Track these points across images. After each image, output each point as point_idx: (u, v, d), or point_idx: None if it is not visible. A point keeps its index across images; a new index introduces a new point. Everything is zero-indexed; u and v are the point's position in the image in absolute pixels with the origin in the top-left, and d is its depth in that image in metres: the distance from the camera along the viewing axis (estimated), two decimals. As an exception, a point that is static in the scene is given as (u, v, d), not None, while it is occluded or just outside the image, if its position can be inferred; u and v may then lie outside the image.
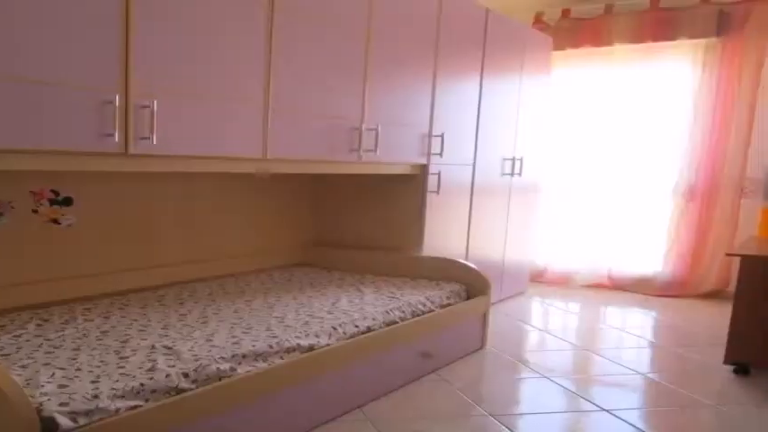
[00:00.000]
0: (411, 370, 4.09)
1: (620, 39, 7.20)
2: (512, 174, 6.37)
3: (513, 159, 6.36)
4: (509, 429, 3.48)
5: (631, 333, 5.60)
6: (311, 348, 3.30)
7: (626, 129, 7.34)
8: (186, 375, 2.68)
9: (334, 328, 3.53)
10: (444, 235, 5.47)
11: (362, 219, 5.44)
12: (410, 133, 4.90)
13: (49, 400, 2.26)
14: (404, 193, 5.21)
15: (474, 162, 5.74)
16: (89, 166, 2.98)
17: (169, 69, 3.16)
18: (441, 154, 5.19)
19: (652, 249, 7.38)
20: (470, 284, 4.83)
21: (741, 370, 4.52)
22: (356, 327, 3.67)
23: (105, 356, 2.78)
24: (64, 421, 2.19)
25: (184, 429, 2.62)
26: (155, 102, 3.08)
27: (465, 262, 4.92)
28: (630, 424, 3.62)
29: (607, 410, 3.80)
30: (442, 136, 5.16)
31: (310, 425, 3.33)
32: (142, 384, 2.51)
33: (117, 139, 2.95)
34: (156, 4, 3.06)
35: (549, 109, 7.16)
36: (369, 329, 3.74)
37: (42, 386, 2.38)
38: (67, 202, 3.69)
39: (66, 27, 2.74)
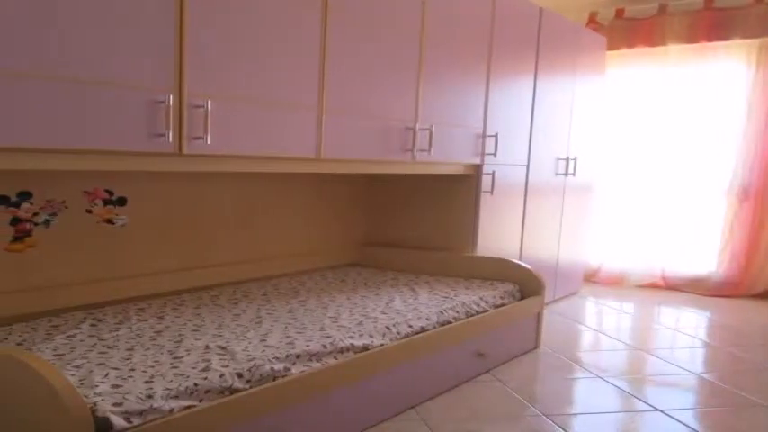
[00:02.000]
0: (465, 370, 4.01)
1: (674, 39, 7.02)
2: (566, 174, 6.26)
3: (567, 159, 6.25)
4: (563, 429, 3.40)
5: (685, 333, 5.46)
6: (365, 348, 3.23)
7: (680, 129, 7.17)
8: (240, 375, 2.62)
9: (388, 328, 3.46)
10: (498, 235, 5.37)
11: (416, 219, 5.36)
12: (464, 133, 4.81)
13: (102, 399, 2.21)
14: (457, 193, 5.12)
15: (528, 162, 5.63)
16: (143, 166, 2.94)
17: (223, 69, 3.11)
18: (494, 154, 5.09)
19: (706, 249, 7.21)
20: (524, 284, 4.73)
21: (796, 371, 4.38)
22: (410, 327, 3.59)
23: (159, 356, 2.74)
24: (118, 421, 2.14)
25: (238, 429, 2.56)
26: (208, 102, 3.03)
27: (519, 262, 4.81)
28: (684, 424, 3.52)
29: (661, 410, 3.70)
30: (495, 136, 5.07)
31: (364, 424, 3.27)
32: (196, 384, 2.46)
33: (170, 140, 2.91)
34: (210, 6, 3.02)
35: (603, 109, 7.01)
36: (423, 329, 3.66)
37: (96, 386, 2.34)
38: (121, 202, 3.66)
39: (120, 28, 2.70)
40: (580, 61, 6.22)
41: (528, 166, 5.66)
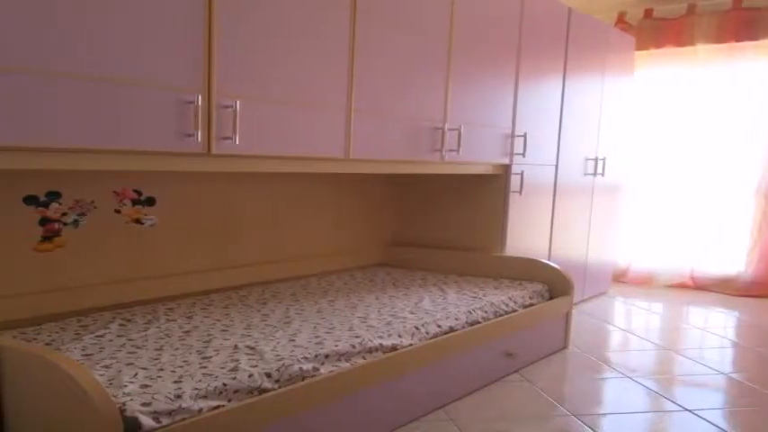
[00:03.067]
0: (493, 370, 3.96)
1: (703, 39, 6.93)
2: (594, 174, 6.20)
3: (596, 159, 6.19)
4: (591, 429, 3.35)
5: (714, 333, 5.38)
6: (394, 348, 3.19)
7: (708, 129, 7.07)
8: (269, 375, 2.59)
9: (417, 328, 3.42)
10: (527, 235, 5.32)
11: (445, 219, 5.31)
12: (492, 133, 4.76)
13: (131, 399, 2.18)
14: (486, 193, 5.07)
15: (557, 162, 5.58)
16: (172, 166, 2.91)
17: (252, 69, 3.08)
18: (523, 154, 5.04)
19: (734, 249, 7.11)
20: (553, 284, 4.67)
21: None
22: (438, 327, 3.54)
23: (188, 356, 2.71)
24: (146, 421, 2.11)
25: (267, 429, 2.52)
26: (237, 102, 3.00)
27: (547, 262, 4.75)
28: (713, 424, 3.47)
29: (690, 410, 3.65)
30: (524, 136, 5.02)
31: (393, 425, 3.23)
32: (225, 384, 2.42)
33: (199, 140, 2.88)
34: (239, 6, 2.99)
35: (631, 109, 6.95)
36: (451, 329, 3.61)
37: (125, 386, 2.31)
38: (150, 202, 3.64)
39: (149, 28, 2.68)
40: (609, 61, 6.16)
41: (557, 166, 5.60)
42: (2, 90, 2.28)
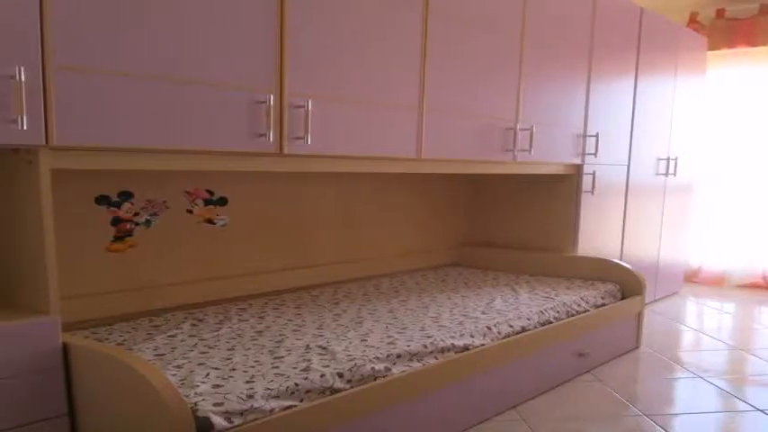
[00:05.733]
0: (565, 370, 3.85)
1: (776, 39, 6.75)
2: (666, 174, 6.03)
3: (668, 159, 6.01)
4: (663, 429, 3.25)
5: (787, 333, 5.20)
6: (466, 348, 3.09)
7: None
8: (341, 375, 2.51)
9: (489, 328, 3.31)
10: (599, 235, 5.17)
11: (516, 219, 5.20)
12: (564, 133, 4.63)
13: (203, 399, 2.12)
14: (558, 193, 4.95)
15: (628, 162, 5.43)
16: (244, 166, 2.85)
17: (323, 69, 3.01)
18: (595, 154, 4.90)
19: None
20: (625, 284, 4.53)
21: None
22: (510, 327, 3.43)
23: (260, 356, 2.65)
24: (218, 421, 2.05)
25: (339, 429, 2.45)
26: (309, 102, 2.93)
27: (620, 262, 4.61)
28: (785, 424, 3.33)
29: (762, 410, 3.53)
30: (596, 136, 4.88)
31: (465, 425, 3.13)
32: (297, 384, 2.35)
33: (271, 139, 2.82)
34: (311, 7, 2.93)
35: (703, 109, 6.75)
36: (523, 329, 3.50)
37: (197, 386, 2.26)
38: (222, 201, 3.59)
39: (222, 29, 2.62)
40: (681, 61, 5.97)
41: (628, 166, 5.45)
42: (76, 91, 2.24)
